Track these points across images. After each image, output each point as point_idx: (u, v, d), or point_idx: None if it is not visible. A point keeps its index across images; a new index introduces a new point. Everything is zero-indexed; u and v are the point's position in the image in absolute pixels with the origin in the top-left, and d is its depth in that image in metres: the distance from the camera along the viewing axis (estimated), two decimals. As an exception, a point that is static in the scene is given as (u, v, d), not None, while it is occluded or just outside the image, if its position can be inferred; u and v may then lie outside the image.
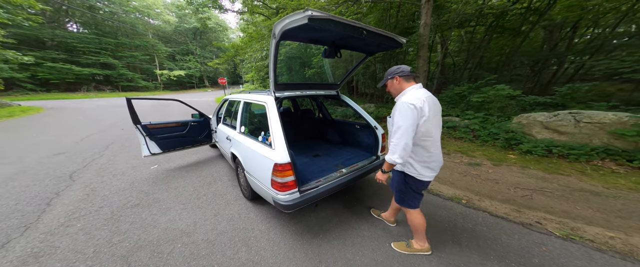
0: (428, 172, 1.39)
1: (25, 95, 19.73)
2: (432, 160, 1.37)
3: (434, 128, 1.32)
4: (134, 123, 2.93)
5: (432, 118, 1.29)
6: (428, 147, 1.33)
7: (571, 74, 6.47)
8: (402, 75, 1.37)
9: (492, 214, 2.32)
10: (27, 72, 21.49)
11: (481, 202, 2.55)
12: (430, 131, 1.31)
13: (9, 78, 19.66)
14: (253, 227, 2.14)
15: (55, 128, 6.72)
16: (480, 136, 4.22)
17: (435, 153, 1.36)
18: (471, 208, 2.46)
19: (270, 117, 1.96)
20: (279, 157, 1.73)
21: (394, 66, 1.45)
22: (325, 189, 1.93)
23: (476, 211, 2.39)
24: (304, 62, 9.74)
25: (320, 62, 8.89)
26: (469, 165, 3.47)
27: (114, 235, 1.95)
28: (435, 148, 1.36)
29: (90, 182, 2.99)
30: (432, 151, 1.35)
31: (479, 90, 5.09)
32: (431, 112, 1.28)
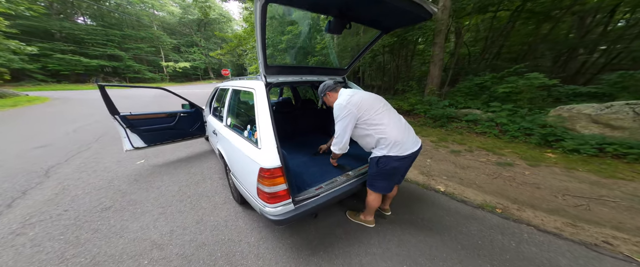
0: (396, 151, 1.40)
1: (36, 85, 20.03)
2: (398, 146, 1.39)
3: (377, 114, 1.43)
4: (111, 113, 2.56)
5: (369, 107, 1.44)
6: (384, 136, 1.40)
7: (602, 64, 5.72)
8: (330, 89, 1.62)
9: (540, 229, 1.84)
10: (38, 64, 21.80)
11: (522, 212, 2.07)
12: (373, 118, 1.42)
13: (20, 69, 20.01)
14: (240, 238, 1.75)
15: (52, 118, 6.54)
16: (508, 130, 3.65)
17: (397, 138, 1.40)
18: (510, 220, 1.98)
19: (258, 106, 1.51)
20: (266, 159, 1.30)
21: (320, 86, 1.70)
22: (327, 198, 1.50)
23: (517, 224, 1.92)
24: (307, 53, 9.16)
25: (325, 51, 8.29)
26: (499, 165, 2.95)
27: (69, 247, 1.59)
28: (394, 133, 1.40)
29: (65, 179, 2.66)
30: (390, 138, 1.39)
31: (504, 81, 4.47)
32: (365, 102, 1.45)
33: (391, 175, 1.48)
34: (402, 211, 2.10)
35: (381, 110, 1.45)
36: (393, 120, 1.45)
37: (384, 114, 1.44)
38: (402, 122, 1.51)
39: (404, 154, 1.38)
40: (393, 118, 1.47)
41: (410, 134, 1.49)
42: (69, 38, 25.68)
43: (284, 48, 8.93)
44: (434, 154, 3.52)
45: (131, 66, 29.41)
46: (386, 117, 1.43)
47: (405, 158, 1.40)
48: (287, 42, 8.93)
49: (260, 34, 1.33)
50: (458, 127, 4.47)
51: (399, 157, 1.38)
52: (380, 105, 1.48)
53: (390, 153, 1.37)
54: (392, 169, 1.42)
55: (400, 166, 1.43)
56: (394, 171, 1.44)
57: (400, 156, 1.38)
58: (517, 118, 3.71)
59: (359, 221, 1.88)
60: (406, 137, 1.42)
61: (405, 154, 1.39)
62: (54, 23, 24.48)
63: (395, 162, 1.40)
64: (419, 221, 1.96)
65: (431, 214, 2.07)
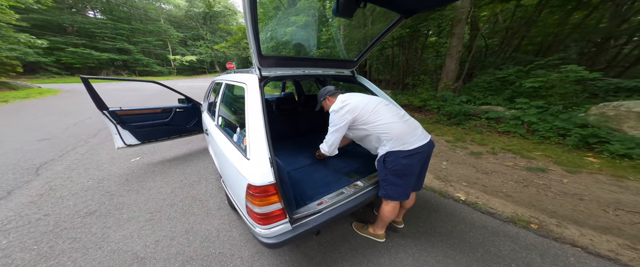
0: (400, 146, 1.29)
1: (51, 78, 20.55)
2: (402, 141, 1.29)
3: (373, 112, 1.36)
4: (99, 109, 2.37)
5: (364, 108, 1.37)
6: (385, 133, 1.31)
7: (636, 56, 5.12)
8: (330, 94, 1.55)
9: (590, 251, 1.54)
10: (52, 57, 22.36)
11: (563, 228, 1.76)
12: (370, 118, 1.35)
13: (36, 62, 20.61)
14: (233, 253, 1.53)
15: (58, 111, 6.53)
16: (538, 130, 3.25)
17: (400, 133, 1.30)
18: (549, 238, 1.68)
19: (249, 105, 1.25)
20: (255, 174, 1.04)
21: (320, 90, 1.63)
22: (332, 215, 1.24)
23: (560, 245, 1.62)
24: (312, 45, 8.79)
25: (331, 43, 7.91)
26: (529, 170, 2.60)
27: (41, 260, 1.41)
28: (394, 127, 1.31)
29: (55, 178, 2.52)
30: (392, 133, 1.30)
31: (531, 74, 4.02)
32: (360, 104, 1.38)
33: (403, 175, 1.31)
34: (415, 222, 1.83)
35: (378, 107, 1.37)
36: (392, 114, 1.35)
37: (382, 110, 1.36)
38: (403, 116, 1.40)
39: (411, 148, 1.26)
40: (392, 111, 1.38)
41: (415, 127, 1.37)
42: (80, 32, 26.17)
43: (288, 41, 8.58)
44: (450, 155, 3.19)
45: (140, 59, 29.79)
46: (384, 113, 1.35)
47: (413, 154, 1.27)
48: (292, 34, 8.58)
49: (249, 15, 1.02)
50: (477, 125, 4.08)
51: (406, 152, 1.26)
52: (376, 103, 1.40)
53: (395, 148, 1.27)
54: (403, 168, 1.29)
55: (410, 164, 1.28)
56: (405, 169, 1.29)
57: (406, 150, 1.26)
58: (547, 116, 3.29)
59: (367, 234, 1.65)
60: (410, 131, 1.31)
61: (412, 149, 1.26)
62: (66, 17, 24.95)
63: (404, 159, 1.27)
64: (437, 236, 1.69)
65: (451, 227, 1.79)
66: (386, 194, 1.38)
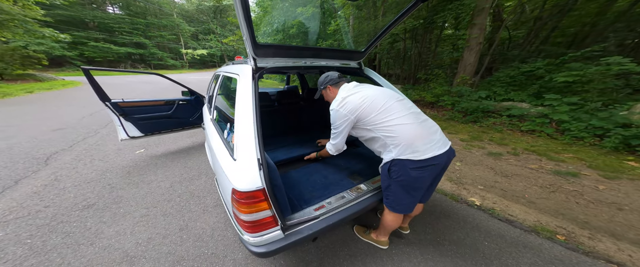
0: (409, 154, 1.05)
1: (75, 71, 21.64)
2: (413, 147, 1.05)
3: (381, 112, 1.11)
4: (102, 100, 2.35)
5: (370, 106, 1.13)
6: (395, 135, 1.08)
7: None
8: (332, 83, 1.34)
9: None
10: (76, 51, 23.55)
11: (596, 241, 1.54)
12: (377, 118, 1.12)
13: (61, 56, 21.81)
14: (226, 254, 1.45)
15: (76, 102, 6.81)
16: (569, 129, 2.92)
17: (412, 137, 1.06)
18: (579, 252, 1.47)
19: (239, 99, 1.12)
20: (240, 178, 0.92)
21: (322, 76, 1.40)
22: (330, 223, 1.11)
23: (592, 260, 1.42)
24: (319, 38, 8.53)
25: (338, 36, 7.61)
26: (558, 174, 2.33)
27: (31, 255, 1.39)
28: (405, 130, 1.07)
29: (61, 168, 2.56)
30: (403, 136, 1.06)
31: (565, 68, 3.62)
32: (365, 102, 1.14)
33: (410, 189, 1.11)
34: (422, 228, 1.67)
35: (388, 103, 1.13)
36: (405, 112, 1.12)
37: (393, 108, 1.12)
38: (419, 116, 1.16)
39: (423, 158, 1.02)
40: (406, 108, 1.14)
41: (433, 131, 1.12)
42: (100, 27, 27.29)
43: (295, 33, 8.37)
44: (465, 155, 2.95)
45: (155, 53, 30.78)
46: (395, 112, 1.11)
47: (426, 166, 1.03)
48: (298, 26, 8.35)
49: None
50: (496, 123, 3.76)
51: (417, 163, 1.03)
52: (386, 98, 1.16)
53: (403, 156, 1.04)
54: (411, 181, 1.07)
55: (421, 177, 1.05)
56: (413, 183, 1.08)
57: (417, 160, 1.02)
58: (582, 114, 2.94)
59: (369, 240, 1.51)
60: (426, 135, 1.07)
61: (425, 159, 1.02)
62: (87, 12, 26.04)
63: (414, 171, 1.04)
64: (446, 244, 1.54)
65: (462, 235, 1.62)
66: (389, 205, 1.22)
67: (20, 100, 7.11)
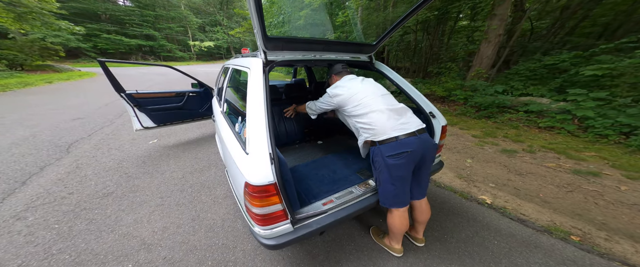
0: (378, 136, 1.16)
1: (90, 62, 22.33)
2: (374, 130, 1.18)
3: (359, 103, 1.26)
4: (117, 91, 2.42)
5: (352, 97, 1.28)
6: (365, 122, 1.21)
7: None
8: (334, 72, 1.50)
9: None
10: (90, 43, 24.18)
11: (613, 243, 1.50)
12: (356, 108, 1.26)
13: (77, 47, 22.47)
14: (236, 245, 1.51)
15: (93, 92, 7.08)
16: (592, 126, 2.78)
17: (376, 122, 1.17)
18: (593, 254, 1.44)
19: (250, 93, 1.13)
20: (253, 172, 0.93)
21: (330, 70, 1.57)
22: (338, 217, 1.12)
23: (607, 262, 1.39)
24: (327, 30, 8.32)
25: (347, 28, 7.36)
26: (577, 174, 2.24)
27: (58, 240, 1.50)
28: (375, 114, 1.19)
29: (82, 157, 2.69)
30: (374, 123, 1.18)
31: (593, 60, 3.39)
32: (355, 96, 1.28)
33: (392, 179, 1.14)
34: (430, 225, 1.66)
35: (368, 97, 1.25)
36: (378, 107, 1.21)
37: (369, 99, 1.24)
38: (396, 107, 1.24)
39: (383, 138, 1.13)
40: (379, 103, 1.23)
41: (403, 117, 1.21)
42: (112, 19, 27.76)
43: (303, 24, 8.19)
44: (476, 152, 2.87)
45: (164, 45, 31.23)
46: (372, 105, 1.22)
47: (398, 153, 1.10)
48: (306, 17, 8.16)
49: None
50: (512, 119, 3.62)
51: (388, 148, 1.11)
52: (365, 95, 1.27)
53: (371, 138, 1.18)
54: (389, 168, 1.13)
55: (397, 164, 1.11)
56: (391, 170, 1.13)
57: (380, 140, 1.14)
58: (608, 110, 2.78)
59: (383, 244, 1.50)
60: (391, 119, 1.16)
61: (387, 138, 1.12)
62: (99, 5, 26.47)
63: (390, 159, 1.12)
64: (454, 242, 1.53)
65: (471, 233, 1.60)
66: (381, 200, 1.25)
67: (41, 90, 7.45)
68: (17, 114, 4.36)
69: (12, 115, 4.31)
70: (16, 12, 10.99)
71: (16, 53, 11.09)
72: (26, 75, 9.71)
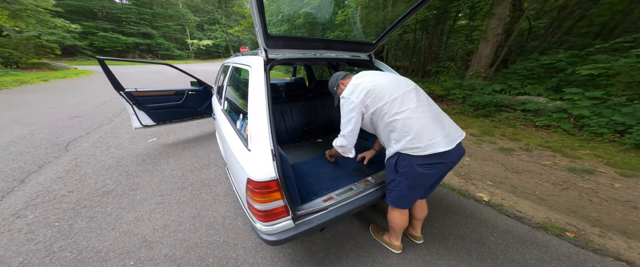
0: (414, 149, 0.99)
1: (87, 60, 22.08)
2: (417, 141, 0.98)
3: (392, 103, 1.03)
4: (116, 89, 2.41)
5: (379, 94, 1.06)
6: (400, 127, 1.01)
7: None
8: (342, 77, 1.35)
9: (636, 266, 1.31)
10: (86, 41, 23.90)
11: (606, 239, 1.53)
12: (387, 108, 1.04)
13: (73, 45, 22.19)
14: (237, 242, 1.52)
15: (90, 90, 7.02)
16: (588, 125, 2.83)
17: (418, 130, 0.99)
18: (587, 249, 1.47)
19: (251, 91, 1.14)
20: (255, 168, 0.95)
21: (330, 80, 1.42)
22: (338, 213, 1.14)
23: (600, 257, 1.42)
24: (326, 28, 8.32)
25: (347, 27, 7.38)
26: (572, 171, 2.28)
27: (60, 238, 1.50)
28: (416, 123, 0.99)
29: (80, 155, 2.68)
30: (409, 129, 0.99)
31: (589, 60, 3.44)
32: (376, 89, 1.07)
33: (414, 185, 1.08)
34: (428, 222, 1.69)
35: (400, 95, 1.05)
36: (415, 106, 1.03)
37: (405, 99, 1.04)
38: (432, 108, 1.08)
39: (428, 153, 0.97)
40: (417, 102, 1.05)
41: (445, 124, 1.05)
42: (108, 17, 27.46)
43: (302, 23, 8.18)
44: (474, 150, 2.90)
45: (162, 44, 30.96)
46: (407, 102, 1.04)
47: (434, 163, 0.99)
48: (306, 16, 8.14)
49: None
50: (509, 117, 3.66)
51: (423, 158, 0.98)
52: (399, 90, 1.07)
53: (410, 150, 0.99)
54: (416, 176, 1.03)
55: (426, 173, 1.01)
56: (417, 178, 1.04)
57: (423, 155, 0.97)
58: (604, 109, 2.83)
59: (382, 241, 1.51)
60: (437, 129, 1.00)
61: (430, 153, 0.96)
62: (96, 2, 26.15)
63: (420, 167, 1.00)
64: (452, 239, 1.55)
65: (469, 230, 1.63)
66: (390, 200, 1.21)
67: (37, 88, 7.37)
68: (14, 112, 4.33)
69: (9, 113, 4.27)
70: (10, 10, 10.84)
71: (11, 51, 10.93)
72: (22, 73, 9.60)
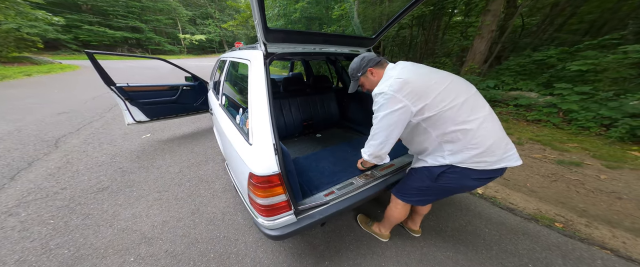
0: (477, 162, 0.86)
1: (71, 55, 21.19)
2: (487, 155, 0.84)
3: (460, 108, 0.83)
4: (107, 84, 2.34)
5: (444, 93, 0.83)
6: (468, 139, 0.84)
7: None
8: (373, 64, 1.03)
9: (620, 255, 1.41)
10: (70, 34, 22.87)
11: (592, 229, 1.61)
12: (457, 115, 0.83)
13: (56, 39, 21.19)
14: (237, 237, 1.52)
15: (78, 85, 6.77)
16: (576, 119, 2.93)
17: (493, 143, 0.85)
18: (575, 239, 1.54)
19: (252, 85, 1.13)
20: (257, 162, 0.95)
21: (355, 61, 1.09)
22: (340, 208, 1.15)
23: (587, 246, 1.49)
24: (323, 24, 8.24)
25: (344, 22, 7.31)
26: (561, 164, 2.37)
27: (55, 235, 1.47)
28: (489, 134, 0.85)
29: (71, 151, 2.61)
30: (479, 141, 0.84)
31: (579, 56, 3.54)
32: (432, 86, 0.84)
33: (450, 194, 1.05)
34: (426, 215, 1.72)
35: (465, 99, 0.85)
36: (486, 113, 0.87)
37: (475, 105, 0.86)
38: (496, 118, 0.93)
39: (493, 168, 0.86)
40: (487, 109, 0.89)
41: (504, 136, 0.92)
42: (94, 9, 26.29)
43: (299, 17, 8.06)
44: (469, 144, 2.97)
45: (152, 38, 30.01)
46: (478, 109, 0.86)
47: (490, 177, 0.90)
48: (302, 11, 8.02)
49: None
50: (502, 112, 3.76)
51: (484, 173, 0.87)
52: (463, 92, 0.87)
53: (472, 164, 0.85)
54: (461, 188, 0.97)
55: (474, 186, 0.95)
56: (461, 189, 0.99)
57: (486, 169, 0.86)
58: (591, 104, 2.94)
59: (371, 231, 1.53)
60: (508, 141, 0.90)
61: (495, 169, 0.86)
62: (79, -7, 24.98)
63: (474, 181, 0.90)
64: (448, 231, 1.60)
65: (464, 222, 1.68)
66: (404, 197, 1.17)
67: (20, 83, 7.06)
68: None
69: (-8, 109, 4.10)
70: (-12, 0, 10.27)
71: (-10, 44, 10.41)
72: (3, 68, 9.15)
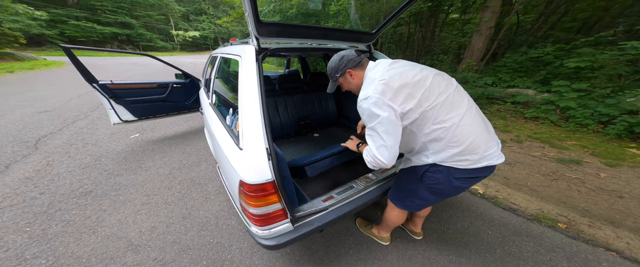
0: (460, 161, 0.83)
1: (57, 51, 20.38)
2: (469, 153, 0.81)
3: (441, 107, 0.80)
4: (88, 82, 2.19)
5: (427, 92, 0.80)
6: (449, 137, 0.81)
7: None
8: (353, 65, 0.96)
9: (625, 256, 1.38)
10: (56, 30, 21.97)
11: (596, 229, 1.58)
12: (437, 115, 0.81)
13: (40, 34, 20.34)
14: (231, 243, 1.44)
15: (62, 83, 6.47)
16: (574, 116, 2.93)
17: (474, 140, 0.80)
18: (579, 240, 1.51)
19: (242, 83, 1.03)
20: (249, 169, 0.86)
21: (333, 59, 1.00)
22: (339, 214, 1.08)
23: (592, 247, 1.45)
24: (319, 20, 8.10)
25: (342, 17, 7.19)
26: (560, 162, 2.35)
27: (31, 244, 1.35)
28: (470, 131, 0.80)
29: (53, 153, 2.45)
30: (460, 139, 0.80)
31: (575, 53, 3.54)
32: (413, 85, 0.80)
33: (439, 196, 0.98)
34: (427, 217, 1.68)
35: (447, 96, 0.82)
36: (465, 110, 0.83)
37: (454, 101, 0.83)
38: (479, 110, 0.89)
39: (483, 165, 0.82)
40: (465, 105, 0.84)
41: (490, 129, 0.88)
42: (80, 4, 25.30)
43: (295, 14, 7.88)
44: (468, 142, 2.93)
45: (143, 34, 29.14)
46: (457, 105, 0.83)
47: (476, 176, 0.86)
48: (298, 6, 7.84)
49: None
50: (500, 109, 3.75)
51: (467, 172, 0.83)
52: (446, 89, 0.84)
53: (455, 163, 0.82)
54: (448, 190, 0.91)
55: (461, 187, 0.89)
56: (448, 191, 0.92)
57: (468, 169, 0.82)
58: (588, 101, 2.94)
59: (371, 234, 1.48)
60: (490, 138, 0.85)
61: (478, 167, 0.82)
62: (64, -13, 24.02)
63: (459, 181, 0.86)
64: (450, 233, 1.55)
65: (466, 224, 1.64)
66: (398, 202, 1.13)
67: (1, 80, 6.71)
68: (-26, 106, 3.91)
69: (-32, 107, 3.86)
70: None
71: (-32, 38, 9.88)
72: (-17, 63, 8.71)
